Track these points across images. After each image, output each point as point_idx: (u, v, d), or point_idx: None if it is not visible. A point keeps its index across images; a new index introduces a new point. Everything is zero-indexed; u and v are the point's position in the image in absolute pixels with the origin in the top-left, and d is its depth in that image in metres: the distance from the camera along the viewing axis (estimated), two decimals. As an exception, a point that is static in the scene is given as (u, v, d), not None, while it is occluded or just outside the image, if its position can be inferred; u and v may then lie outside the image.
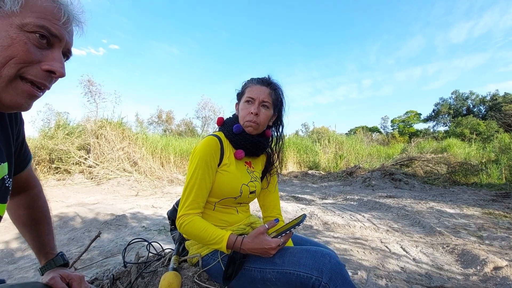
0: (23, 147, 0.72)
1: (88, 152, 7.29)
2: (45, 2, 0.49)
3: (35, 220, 0.81)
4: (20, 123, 0.68)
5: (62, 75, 0.53)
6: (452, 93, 35.02)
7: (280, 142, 1.22)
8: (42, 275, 0.78)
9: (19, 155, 0.70)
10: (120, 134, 7.89)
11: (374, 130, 35.33)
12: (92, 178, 6.59)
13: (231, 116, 1.20)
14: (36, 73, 0.49)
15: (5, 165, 0.59)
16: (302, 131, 24.14)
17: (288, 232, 0.89)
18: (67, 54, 0.56)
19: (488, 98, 31.40)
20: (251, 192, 1.11)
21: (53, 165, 6.73)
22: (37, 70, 0.49)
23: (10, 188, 0.61)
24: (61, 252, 0.83)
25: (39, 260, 0.81)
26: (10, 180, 0.62)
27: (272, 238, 0.89)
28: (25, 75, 0.48)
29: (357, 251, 2.45)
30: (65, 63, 0.56)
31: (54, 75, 0.52)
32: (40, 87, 0.52)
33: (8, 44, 0.45)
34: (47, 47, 0.50)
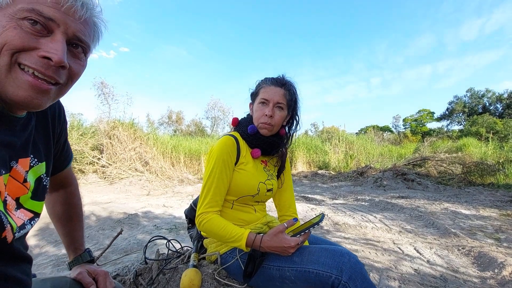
0: (65, 147, 0.74)
1: (101, 152, 7.48)
2: None
3: (69, 216, 0.84)
4: (63, 123, 0.69)
5: (59, 61, 0.47)
6: (467, 91, 33.91)
7: (292, 139, 1.23)
8: (70, 269, 0.82)
9: (61, 155, 0.72)
10: (131, 135, 8.05)
11: (385, 129, 34.65)
12: (105, 178, 6.76)
13: (246, 116, 1.21)
14: (33, 60, 0.46)
15: (43, 164, 0.61)
16: (311, 130, 23.93)
17: (306, 231, 0.90)
18: (77, 43, 0.51)
19: (506, 95, 30.28)
20: (268, 190, 1.12)
21: (68, 165, 6.93)
22: (33, 57, 0.46)
23: (47, 186, 0.63)
24: (88, 248, 0.87)
25: (68, 254, 0.85)
26: (48, 178, 0.63)
27: (291, 237, 0.90)
28: (21, 61, 0.46)
29: (369, 252, 2.43)
30: (82, 55, 0.53)
31: (51, 62, 0.47)
32: (48, 80, 0.48)
33: None
34: (46, 34, 0.47)
